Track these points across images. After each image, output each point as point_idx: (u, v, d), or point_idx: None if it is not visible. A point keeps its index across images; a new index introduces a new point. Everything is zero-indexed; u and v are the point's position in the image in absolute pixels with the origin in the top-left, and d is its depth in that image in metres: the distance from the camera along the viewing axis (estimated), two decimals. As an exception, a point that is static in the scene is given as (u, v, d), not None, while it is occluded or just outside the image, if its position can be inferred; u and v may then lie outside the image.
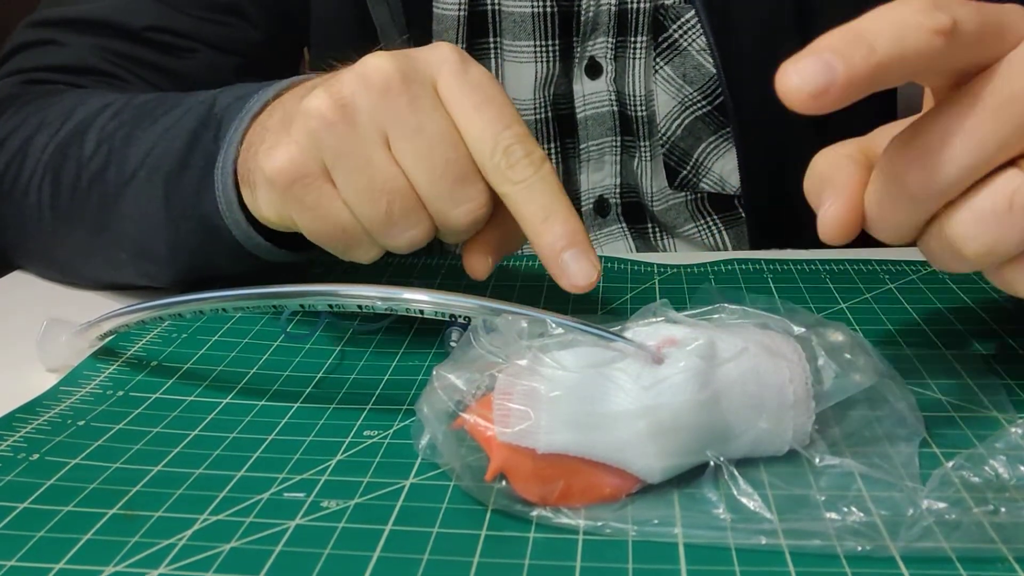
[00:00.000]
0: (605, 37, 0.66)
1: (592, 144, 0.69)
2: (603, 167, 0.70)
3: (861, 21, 0.31)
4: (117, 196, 0.50)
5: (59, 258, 0.56)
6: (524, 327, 0.35)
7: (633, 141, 0.68)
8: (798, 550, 0.30)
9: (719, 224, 0.69)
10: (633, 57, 0.66)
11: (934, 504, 0.31)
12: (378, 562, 0.30)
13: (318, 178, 0.41)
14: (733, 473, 0.33)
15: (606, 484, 0.33)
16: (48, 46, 0.64)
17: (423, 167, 0.41)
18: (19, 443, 0.37)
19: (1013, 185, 0.32)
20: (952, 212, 0.33)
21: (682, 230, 0.70)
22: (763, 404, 0.33)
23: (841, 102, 0.30)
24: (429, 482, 0.34)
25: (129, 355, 0.46)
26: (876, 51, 0.30)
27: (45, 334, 0.44)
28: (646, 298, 0.51)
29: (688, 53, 0.65)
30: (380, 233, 0.42)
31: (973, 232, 0.32)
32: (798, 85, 0.29)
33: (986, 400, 0.38)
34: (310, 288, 0.39)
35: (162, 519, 0.32)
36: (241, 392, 0.42)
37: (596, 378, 0.33)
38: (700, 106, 0.66)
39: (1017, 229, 0.32)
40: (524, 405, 0.32)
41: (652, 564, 0.30)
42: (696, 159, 0.67)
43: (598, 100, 0.68)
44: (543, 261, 0.41)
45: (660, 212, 0.69)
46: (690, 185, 0.68)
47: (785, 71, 0.30)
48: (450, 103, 0.41)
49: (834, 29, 0.30)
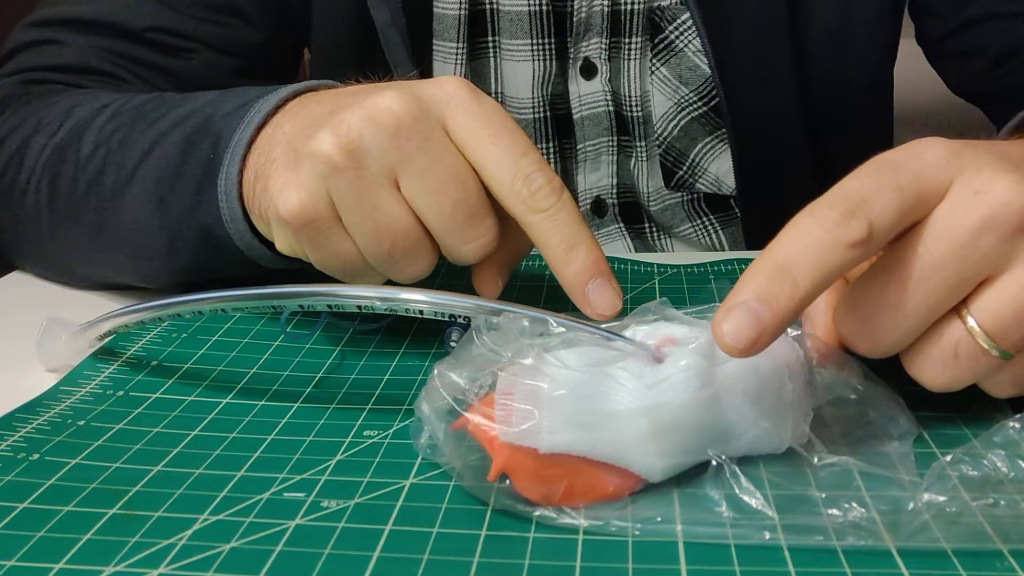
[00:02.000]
0: (599, 38, 0.66)
1: (589, 144, 0.69)
2: (600, 167, 0.70)
3: (779, 248, 0.32)
4: (114, 199, 0.50)
5: (57, 259, 0.56)
6: (525, 326, 0.35)
7: (629, 141, 0.69)
8: (799, 547, 0.30)
9: (715, 224, 0.69)
10: (628, 58, 0.66)
11: (933, 499, 0.31)
12: (378, 562, 0.30)
13: (328, 220, 0.41)
14: (735, 471, 0.33)
15: (608, 483, 0.33)
16: (48, 46, 0.64)
17: (433, 207, 0.41)
18: (19, 443, 0.37)
19: (955, 337, 0.34)
20: (909, 356, 0.35)
21: (679, 230, 0.70)
22: (762, 402, 0.34)
23: (772, 341, 0.32)
24: (429, 482, 0.35)
25: (129, 355, 0.46)
26: (799, 285, 0.32)
27: (44, 334, 0.44)
28: (646, 298, 0.51)
29: (684, 54, 0.65)
30: (384, 268, 0.42)
31: (930, 375, 0.35)
32: (732, 343, 0.31)
33: (983, 399, 0.38)
34: (310, 288, 0.39)
35: (162, 519, 0.32)
36: (241, 392, 0.42)
37: (598, 377, 0.33)
38: (696, 107, 0.66)
39: (967, 371, 0.34)
40: (527, 404, 0.32)
41: (652, 563, 0.30)
42: (692, 160, 0.67)
43: (594, 101, 0.68)
44: (568, 290, 0.41)
45: (657, 212, 0.69)
46: (686, 185, 0.68)
47: (718, 325, 0.32)
48: (463, 137, 0.41)
49: (755, 260, 0.33)
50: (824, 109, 0.67)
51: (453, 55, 0.66)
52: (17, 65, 0.64)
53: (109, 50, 0.63)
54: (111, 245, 0.51)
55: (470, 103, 0.41)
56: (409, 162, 0.40)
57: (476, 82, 0.45)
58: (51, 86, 0.62)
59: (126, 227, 0.50)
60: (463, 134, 0.41)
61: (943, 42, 0.68)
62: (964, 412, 0.37)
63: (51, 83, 0.62)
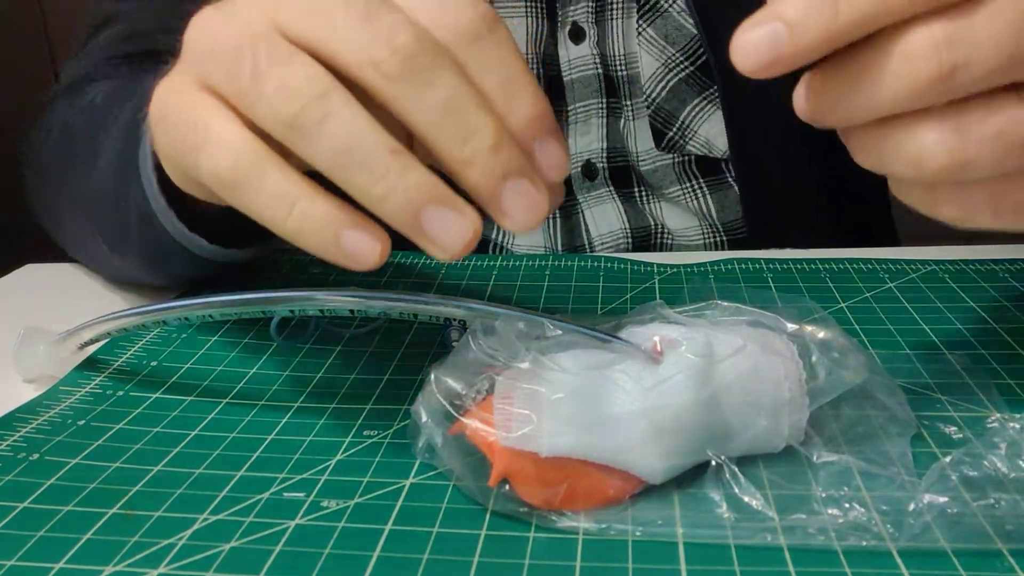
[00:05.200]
0: (586, 1, 0.66)
1: (580, 106, 0.69)
2: (590, 131, 0.70)
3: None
4: (90, 168, 0.50)
5: (67, 235, 0.57)
6: (522, 329, 0.35)
7: (618, 102, 0.69)
8: (800, 548, 0.30)
9: (704, 188, 0.69)
10: (612, 19, 0.66)
11: (934, 499, 0.31)
12: (378, 562, 0.30)
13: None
14: (735, 472, 0.33)
15: (609, 486, 0.33)
16: (117, 24, 0.65)
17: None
18: (19, 443, 0.37)
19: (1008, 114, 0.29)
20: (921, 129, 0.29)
21: (668, 192, 0.70)
22: (760, 401, 0.34)
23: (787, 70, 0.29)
24: (429, 482, 0.34)
25: (129, 356, 0.46)
26: (838, 16, 0.28)
27: (22, 343, 0.43)
28: (646, 298, 0.51)
29: (669, 15, 0.65)
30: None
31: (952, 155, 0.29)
32: (740, 60, 0.29)
33: (985, 399, 0.38)
34: (301, 293, 0.38)
35: (162, 519, 0.32)
36: (241, 393, 0.42)
37: (597, 379, 0.33)
38: (683, 67, 0.66)
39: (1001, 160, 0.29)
40: (525, 409, 0.32)
41: (652, 564, 0.30)
42: (682, 121, 0.67)
43: (583, 64, 0.68)
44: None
45: (647, 173, 0.69)
46: (677, 147, 0.68)
47: (737, 35, 0.29)
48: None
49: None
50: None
51: None
52: (100, 45, 0.65)
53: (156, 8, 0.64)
54: (96, 226, 0.52)
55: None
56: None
57: None
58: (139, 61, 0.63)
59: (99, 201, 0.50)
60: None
61: None
62: (964, 412, 0.37)
63: (138, 55, 0.63)
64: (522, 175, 0.31)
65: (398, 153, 0.30)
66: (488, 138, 0.30)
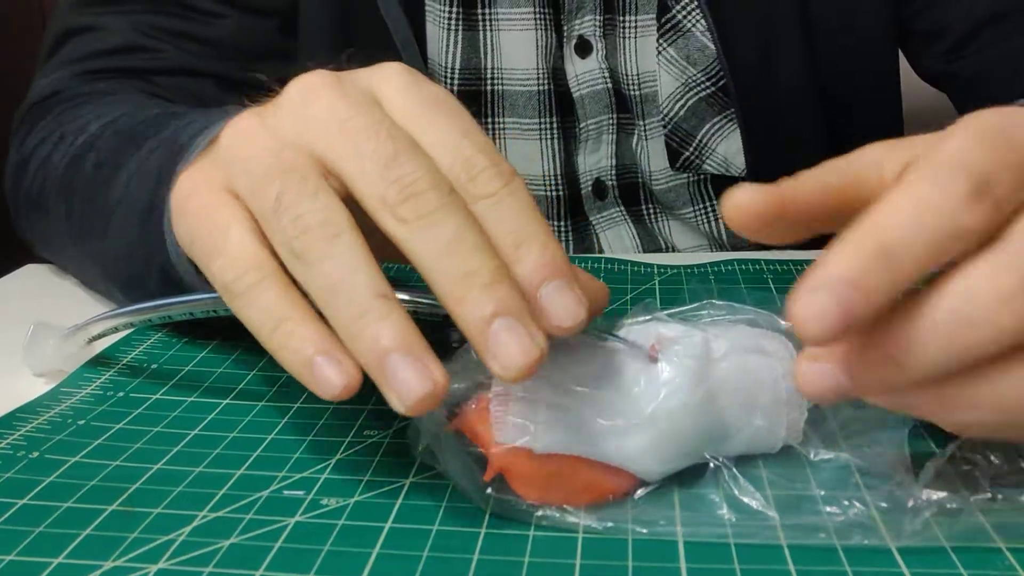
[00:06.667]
0: (592, 15, 0.66)
1: (591, 123, 0.69)
2: (600, 147, 0.70)
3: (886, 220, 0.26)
4: (105, 225, 0.49)
5: (81, 272, 0.56)
6: None
7: (630, 119, 0.69)
8: (801, 546, 0.30)
9: (716, 211, 0.69)
10: (626, 36, 0.66)
11: (932, 494, 0.31)
12: (377, 559, 0.30)
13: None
14: (734, 473, 0.33)
15: (606, 482, 0.33)
16: (94, 32, 0.65)
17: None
18: (19, 441, 0.37)
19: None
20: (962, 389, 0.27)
21: (680, 212, 0.70)
22: (757, 401, 0.33)
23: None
24: (429, 481, 0.34)
25: (130, 358, 0.46)
26: (903, 269, 0.26)
27: (32, 339, 0.43)
28: (646, 298, 0.51)
29: (691, 34, 0.65)
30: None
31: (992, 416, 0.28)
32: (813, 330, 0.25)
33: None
34: None
35: (161, 515, 0.32)
36: (241, 393, 0.42)
37: (594, 382, 0.33)
38: (704, 87, 0.66)
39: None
40: (521, 410, 0.32)
41: (652, 562, 0.30)
42: (700, 140, 0.67)
43: (591, 79, 0.68)
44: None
45: (660, 192, 0.69)
46: (693, 166, 0.68)
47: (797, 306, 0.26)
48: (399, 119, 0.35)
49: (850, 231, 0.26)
50: (833, 89, 0.68)
51: (445, 19, 0.65)
52: (69, 55, 0.65)
53: (148, 25, 0.64)
54: (109, 275, 0.51)
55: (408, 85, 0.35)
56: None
57: (469, 54, 0.43)
58: (103, 82, 0.62)
59: (111, 252, 0.49)
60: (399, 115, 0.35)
61: (909, 23, 0.69)
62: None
63: (105, 71, 0.63)
64: (513, 315, 0.30)
65: (384, 299, 0.31)
66: (484, 277, 0.30)
